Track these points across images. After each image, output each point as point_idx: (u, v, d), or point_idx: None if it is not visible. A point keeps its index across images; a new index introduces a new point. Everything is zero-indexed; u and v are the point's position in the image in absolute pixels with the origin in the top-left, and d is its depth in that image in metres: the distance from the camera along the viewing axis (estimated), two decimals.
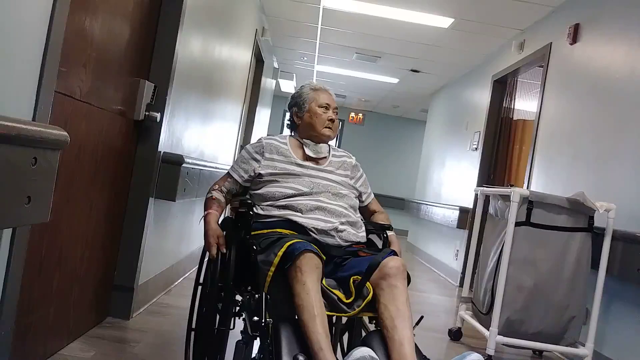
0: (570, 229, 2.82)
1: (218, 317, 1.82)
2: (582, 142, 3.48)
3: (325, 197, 1.90)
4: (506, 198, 2.92)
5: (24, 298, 1.60)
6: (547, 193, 2.92)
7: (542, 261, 2.81)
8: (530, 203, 2.81)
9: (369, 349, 1.37)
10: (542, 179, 3.96)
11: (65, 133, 1.33)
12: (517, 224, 2.81)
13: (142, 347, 2.30)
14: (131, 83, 2.36)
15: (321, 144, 2.05)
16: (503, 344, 2.87)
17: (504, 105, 5.36)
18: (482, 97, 5.76)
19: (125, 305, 2.58)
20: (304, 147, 2.04)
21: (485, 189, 3.39)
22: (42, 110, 1.40)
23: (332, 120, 2.06)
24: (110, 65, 2.13)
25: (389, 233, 2.02)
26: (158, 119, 2.51)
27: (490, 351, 2.78)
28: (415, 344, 1.57)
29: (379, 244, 2.03)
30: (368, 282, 1.65)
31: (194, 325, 1.97)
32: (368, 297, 1.63)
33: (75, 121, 1.87)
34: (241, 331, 1.70)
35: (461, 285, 5.17)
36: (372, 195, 2.19)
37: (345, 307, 1.62)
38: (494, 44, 5.41)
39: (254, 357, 1.61)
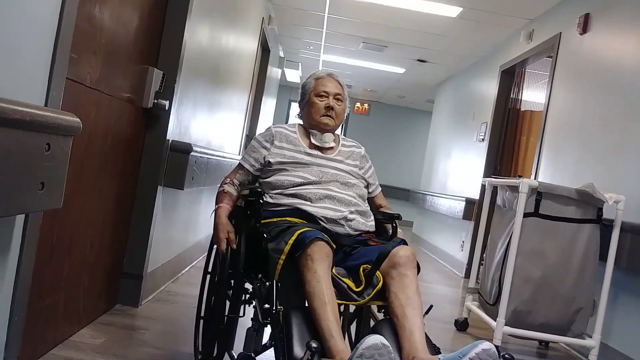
0: (578, 221, 2.81)
1: (228, 304, 1.82)
2: (591, 133, 3.46)
3: (335, 186, 1.90)
4: (514, 189, 2.91)
5: (35, 284, 1.60)
6: (555, 184, 2.91)
7: (550, 252, 2.81)
8: (539, 194, 2.80)
9: (380, 336, 1.36)
10: (549, 170, 3.94)
11: (78, 119, 1.33)
12: (526, 215, 2.80)
13: (151, 334, 2.31)
14: (140, 70, 2.35)
15: (326, 134, 2.03)
16: (509, 335, 2.88)
17: (511, 95, 5.33)
18: (490, 88, 5.72)
19: (134, 293, 2.60)
20: (311, 136, 2.04)
21: (493, 179, 3.38)
22: (54, 97, 1.40)
23: (329, 108, 2.02)
24: (120, 53, 2.12)
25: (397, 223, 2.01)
26: (166, 107, 2.50)
27: (497, 342, 2.78)
28: (425, 333, 1.57)
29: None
30: (378, 271, 1.66)
31: (202, 314, 1.98)
32: (378, 286, 1.64)
33: (85, 108, 1.87)
34: (252, 318, 1.71)
35: (467, 276, 5.17)
36: (380, 189, 2.17)
37: (355, 296, 1.63)
38: (502, 34, 5.37)
39: (265, 344, 1.62)
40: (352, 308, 1.90)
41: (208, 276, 1.99)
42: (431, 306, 1.70)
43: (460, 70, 7.13)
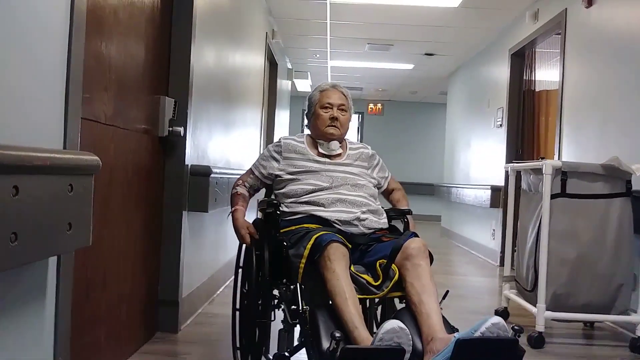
0: (608, 196, 2.76)
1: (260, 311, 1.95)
2: (610, 105, 3.39)
3: (345, 189, 2.02)
4: (538, 171, 2.87)
5: (75, 322, 1.64)
6: (580, 162, 2.86)
7: (583, 231, 2.76)
8: (563, 174, 2.76)
9: (398, 320, 1.46)
10: (572, 147, 3.88)
11: (97, 157, 1.36)
12: (553, 196, 2.76)
13: (193, 358, 2.34)
14: (152, 101, 2.39)
15: (332, 142, 2.15)
16: (552, 320, 2.83)
17: (524, 77, 5.27)
18: (501, 72, 5.67)
19: (172, 319, 2.63)
20: (318, 145, 2.17)
21: (515, 164, 3.34)
22: (71, 138, 1.43)
23: (334, 118, 2.14)
24: (130, 86, 2.16)
25: (408, 217, 2.15)
26: (182, 133, 2.54)
27: (540, 327, 2.73)
28: (443, 316, 1.67)
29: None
30: (393, 264, 1.77)
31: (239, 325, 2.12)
32: (395, 278, 1.75)
33: (103, 145, 1.91)
34: (282, 320, 1.82)
35: (501, 264, 5.11)
36: (390, 175, 2.31)
37: (374, 289, 1.74)
38: (507, 17, 5.31)
39: (297, 345, 1.74)
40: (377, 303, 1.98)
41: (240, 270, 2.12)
42: (447, 292, 1.79)
43: (470, 58, 7.07)
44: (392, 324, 1.44)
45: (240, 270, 2.12)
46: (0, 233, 1.00)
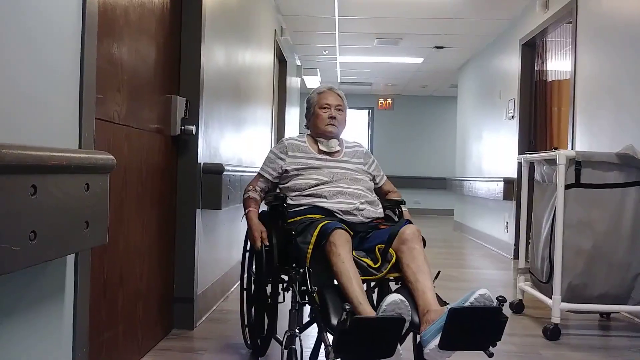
0: (623, 185, 2.73)
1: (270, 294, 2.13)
2: (623, 93, 3.35)
3: (345, 183, 2.19)
4: (552, 162, 2.85)
5: (92, 320, 1.66)
6: (593, 151, 2.83)
7: (598, 221, 2.74)
8: (577, 164, 2.74)
9: (398, 294, 1.65)
10: (586, 137, 3.84)
11: (112, 157, 1.38)
12: (567, 186, 2.74)
13: (209, 354, 2.36)
14: (164, 100, 2.41)
15: (331, 140, 2.33)
16: (568, 311, 2.82)
17: (535, 68, 5.22)
18: (512, 63, 5.62)
19: (188, 316, 2.66)
20: (319, 143, 2.34)
21: (528, 156, 3.32)
22: (86, 138, 1.45)
23: (332, 117, 2.32)
24: (142, 86, 2.18)
25: (403, 207, 2.30)
26: (194, 132, 2.56)
27: (556, 319, 2.72)
28: (436, 293, 1.82)
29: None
30: (391, 248, 1.93)
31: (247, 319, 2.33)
32: (392, 260, 1.91)
33: (117, 144, 1.93)
34: (291, 301, 1.96)
35: (516, 257, 5.07)
36: (385, 177, 2.46)
37: (374, 271, 1.90)
38: (516, 7, 5.27)
39: (306, 323, 1.92)
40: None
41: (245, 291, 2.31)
42: (439, 272, 1.94)
43: (480, 50, 7.02)
44: (394, 297, 1.63)
45: (247, 255, 2.35)
46: (19, 232, 1.02)
